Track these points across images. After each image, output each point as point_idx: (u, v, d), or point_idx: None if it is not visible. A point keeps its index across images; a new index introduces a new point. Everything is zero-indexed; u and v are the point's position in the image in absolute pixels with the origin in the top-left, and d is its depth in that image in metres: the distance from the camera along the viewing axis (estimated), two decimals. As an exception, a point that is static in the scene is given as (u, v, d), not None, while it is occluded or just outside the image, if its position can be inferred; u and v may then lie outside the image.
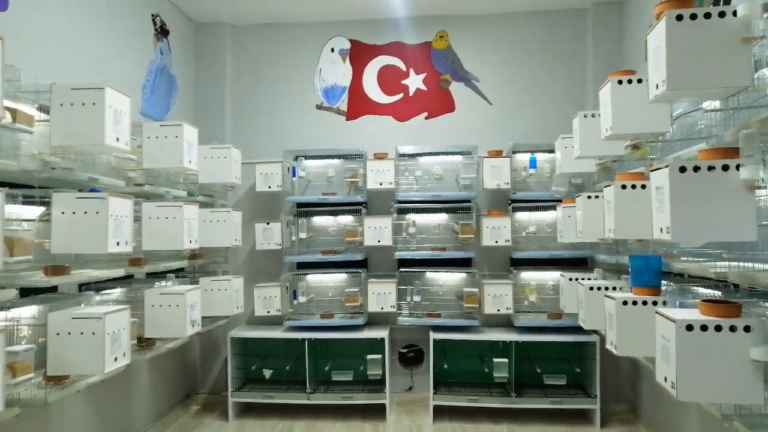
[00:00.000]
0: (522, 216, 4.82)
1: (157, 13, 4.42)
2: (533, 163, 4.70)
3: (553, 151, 4.28)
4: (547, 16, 4.97)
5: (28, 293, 2.84)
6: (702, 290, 2.74)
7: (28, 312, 2.78)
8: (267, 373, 4.82)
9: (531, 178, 4.77)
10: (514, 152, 4.76)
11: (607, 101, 2.65)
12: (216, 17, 5.03)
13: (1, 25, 2.78)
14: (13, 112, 2.29)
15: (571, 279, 3.89)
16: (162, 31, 4.48)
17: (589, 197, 3.33)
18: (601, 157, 3.40)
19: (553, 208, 4.43)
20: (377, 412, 4.59)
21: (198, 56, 5.14)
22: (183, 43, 4.90)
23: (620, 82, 2.59)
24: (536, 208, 4.74)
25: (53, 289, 3.08)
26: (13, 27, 2.88)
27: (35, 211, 2.59)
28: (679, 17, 1.88)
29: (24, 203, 2.51)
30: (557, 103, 4.91)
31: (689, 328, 1.96)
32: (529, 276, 4.81)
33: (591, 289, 3.23)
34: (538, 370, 4.62)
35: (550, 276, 4.74)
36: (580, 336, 4.37)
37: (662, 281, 2.75)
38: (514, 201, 4.68)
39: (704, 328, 1.94)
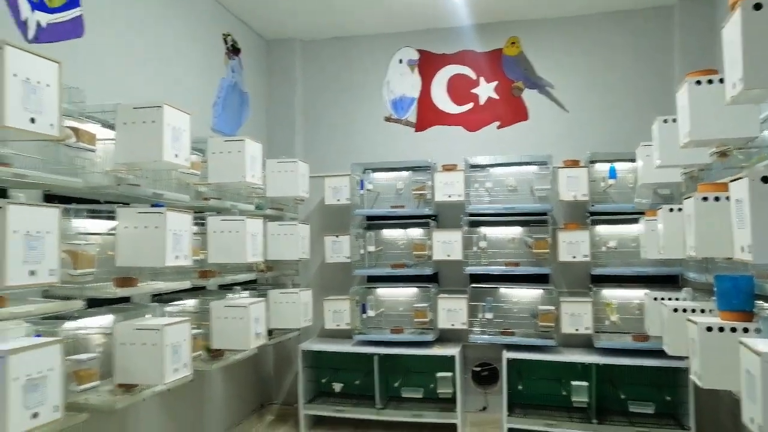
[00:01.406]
0: (602, 229, 4.50)
1: (228, 33, 4.58)
2: (613, 173, 4.38)
3: (635, 160, 3.97)
4: (628, 16, 4.65)
5: (102, 303, 2.97)
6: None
7: (100, 322, 2.92)
8: (337, 386, 4.81)
9: (612, 188, 4.45)
10: (592, 162, 4.47)
11: (684, 104, 2.39)
12: (286, 33, 5.14)
13: (78, 50, 2.96)
14: (76, 131, 2.41)
15: (656, 298, 3.58)
16: (233, 50, 4.63)
17: (671, 210, 3.04)
18: (685, 166, 3.09)
19: (637, 221, 4.10)
20: (448, 431, 4.43)
21: (269, 72, 5.27)
22: (255, 60, 5.05)
23: (698, 82, 2.32)
24: (618, 221, 4.41)
25: (126, 299, 3.21)
26: (90, 50, 3.06)
27: (100, 226, 2.71)
28: (758, 6, 1.65)
29: (90, 218, 2.63)
30: (640, 109, 4.56)
31: (778, 362, 1.69)
32: (610, 294, 4.48)
33: (675, 310, 2.95)
34: (622, 396, 4.29)
35: (635, 294, 4.39)
36: (669, 360, 3.94)
37: (758, 303, 2.43)
38: (593, 213, 4.39)
39: (797, 363, 1.67)
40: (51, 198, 2.60)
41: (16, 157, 2.20)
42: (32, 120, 1.94)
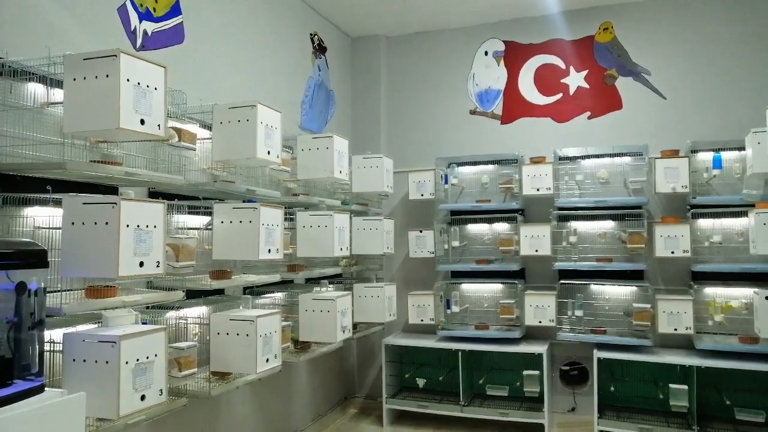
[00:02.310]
0: (704, 223, 4.21)
1: (315, 32, 4.67)
2: (717, 163, 4.08)
3: (742, 149, 3.68)
4: (734, -7, 4.32)
5: (198, 295, 3.12)
6: None
7: (197, 312, 3.06)
8: (421, 381, 4.80)
9: (715, 179, 4.15)
10: (694, 151, 4.18)
11: (806, 85, 2.18)
12: (371, 30, 5.18)
13: (179, 56, 3.12)
14: (179, 131, 2.54)
15: (767, 298, 3.31)
16: (320, 49, 4.72)
17: (787, 202, 2.79)
18: (803, 154, 2.83)
19: (745, 214, 3.81)
20: (535, 431, 4.32)
21: (354, 70, 5.33)
22: (340, 58, 5.12)
23: (824, 60, 2.11)
24: (722, 215, 4.11)
25: (220, 291, 3.35)
26: (189, 55, 3.22)
27: (199, 221, 2.84)
28: None
29: (189, 213, 2.76)
30: (747, 94, 4.22)
31: None
32: (714, 292, 4.19)
33: (791, 312, 2.71)
34: (728, 402, 4.01)
35: (742, 293, 4.09)
36: (782, 366, 3.69)
37: None
38: (694, 206, 4.12)
39: None
40: (154, 194, 2.76)
41: (124, 156, 2.35)
42: (142, 122, 2.06)
